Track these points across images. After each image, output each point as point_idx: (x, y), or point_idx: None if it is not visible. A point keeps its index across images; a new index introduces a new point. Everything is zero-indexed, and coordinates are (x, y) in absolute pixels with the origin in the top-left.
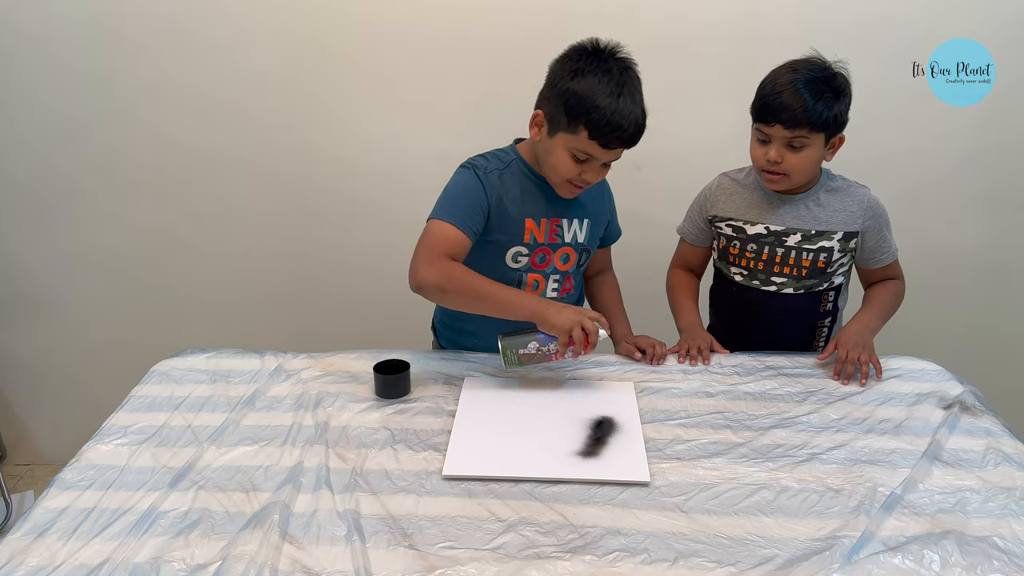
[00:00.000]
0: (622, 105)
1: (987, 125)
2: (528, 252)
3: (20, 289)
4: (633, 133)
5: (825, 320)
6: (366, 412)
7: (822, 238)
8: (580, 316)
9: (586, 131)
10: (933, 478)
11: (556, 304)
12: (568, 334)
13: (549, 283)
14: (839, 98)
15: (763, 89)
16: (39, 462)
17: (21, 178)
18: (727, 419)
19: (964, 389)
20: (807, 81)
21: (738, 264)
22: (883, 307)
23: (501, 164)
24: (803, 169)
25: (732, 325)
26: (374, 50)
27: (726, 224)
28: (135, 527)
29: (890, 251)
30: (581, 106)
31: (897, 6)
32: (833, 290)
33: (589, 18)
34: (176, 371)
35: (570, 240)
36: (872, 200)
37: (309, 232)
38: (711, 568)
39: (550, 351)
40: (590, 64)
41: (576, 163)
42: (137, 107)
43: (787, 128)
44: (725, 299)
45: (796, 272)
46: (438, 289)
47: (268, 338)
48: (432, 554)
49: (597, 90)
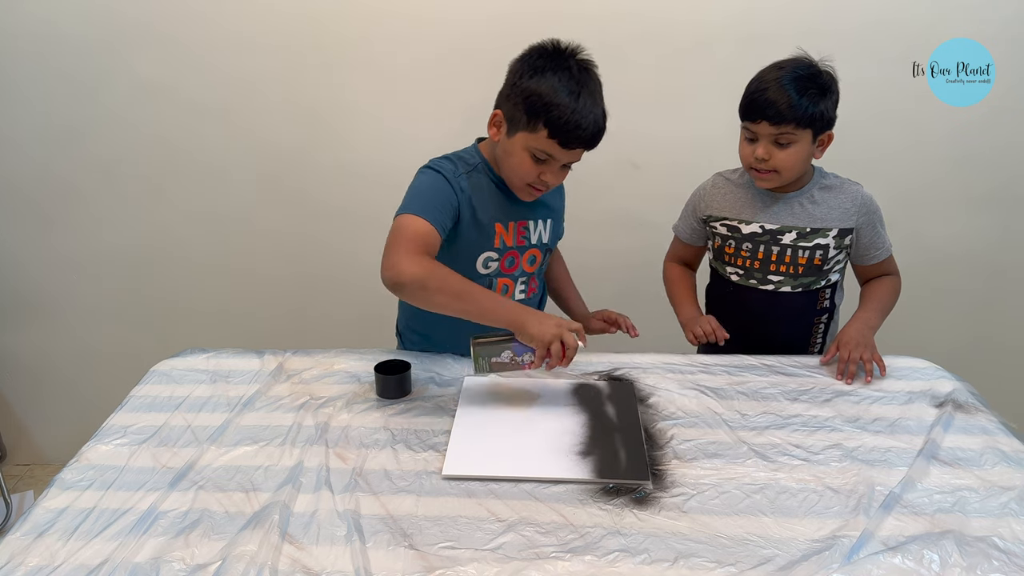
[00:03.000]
0: (582, 104)
1: (987, 125)
2: (498, 257)
3: (20, 290)
4: (593, 133)
5: (822, 317)
6: (366, 412)
7: (817, 235)
8: (560, 329)
9: (546, 130)
10: (931, 477)
11: (537, 314)
12: (547, 347)
13: (517, 286)
14: (825, 95)
15: (749, 87)
16: (39, 462)
17: (21, 180)
18: (726, 419)
19: (956, 386)
20: (792, 78)
21: (734, 263)
22: (882, 304)
23: (468, 167)
24: (792, 166)
25: (729, 324)
26: (372, 53)
27: (720, 224)
28: (135, 527)
29: (885, 247)
30: (541, 104)
31: (897, 6)
32: (830, 287)
33: (589, 19)
34: (176, 371)
35: (536, 241)
36: (865, 196)
37: (308, 234)
38: (711, 568)
39: (524, 362)
40: (550, 63)
41: (535, 164)
42: (135, 109)
43: (773, 124)
44: (722, 299)
45: (793, 270)
46: (419, 286)
47: (268, 339)
48: (432, 554)
49: (557, 88)
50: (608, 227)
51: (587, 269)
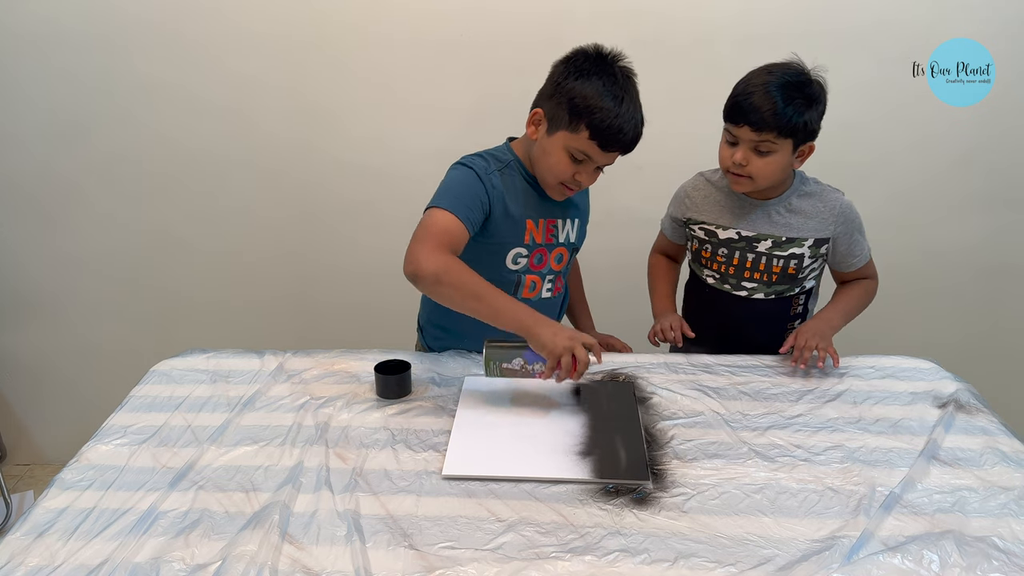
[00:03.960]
0: (624, 109)
1: (987, 125)
2: (527, 253)
3: (21, 290)
4: (632, 138)
5: (795, 323)
6: (366, 412)
7: (792, 245)
8: (573, 343)
9: (588, 131)
10: (931, 477)
11: (551, 324)
12: (558, 359)
13: (544, 283)
14: (811, 105)
15: (736, 89)
16: (39, 462)
17: (21, 179)
18: (726, 419)
19: (958, 387)
20: (780, 85)
21: (710, 267)
22: (848, 307)
23: (500, 164)
24: (768, 175)
25: (704, 326)
26: (373, 51)
27: (699, 227)
28: (135, 527)
29: (863, 254)
30: (585, 105)
31: (897, 6)
32: (804, 294)
33: (588, 19)
34: (176, 371)
35: (564, 240)
36: (844, 205)
37: (308, 233)
38: (711, 568)
39: (535, 371)
40: (595, 67)
41: (572, 163)
42: (136, 109)
43: (754, 130)
44: (698, 300)
45: (767, 278)
46: (435, 279)
47: (268, 339)
48: (432, 554)
49: (602, 92)
50: (610, 226)
51: (589, 268)
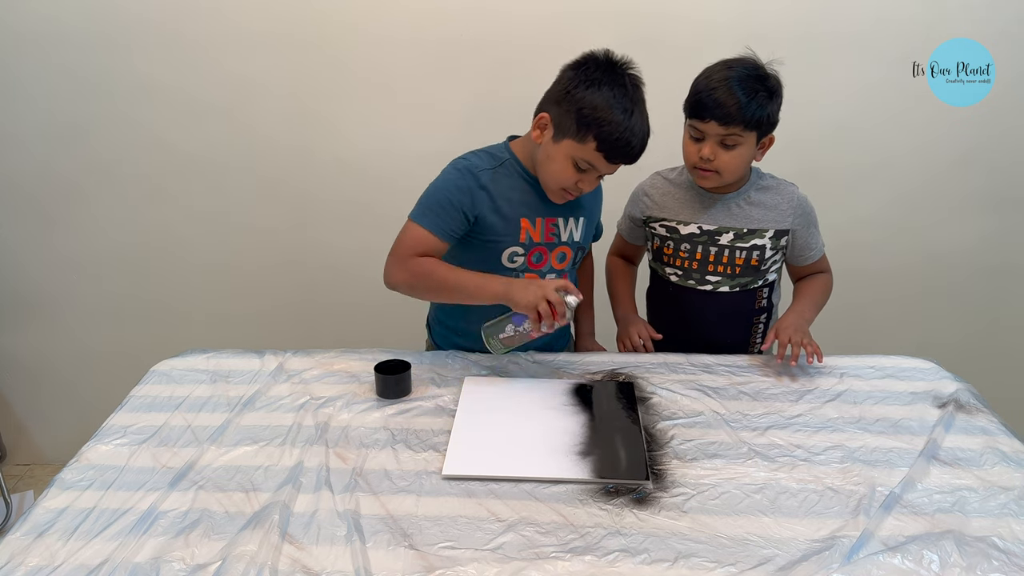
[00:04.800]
0: (634, 122)
1: (987, 125)
2: (524, 252)
3: (20, 290)
4: (639, 151)
5: (760, 317)
6: (366, 412)
7: (754, 236)
8: (543, 290)
9: (595, 142)
10: (931, 477)
11: (521, 282)
12: (536, 311)
13: None
14: (772, 98)
15: (696, 85)
16: (39, 462)
17: (21, 180)
18: (726, 419)
19: (958, 387)
20: (740, 79)
21: (673, 264)
22: (814, 300)
23: (495, 162)
24: (735, 168)
25: (670, 326)
26: (371, 53)
27: (660, 224)
28: (135, 527)
29: (818, 247)
30: (594, 117)
31: (897, 6)
32: (767, 287)
33: (588, 19)
34: (176, 371)
35: (567, 239)
36: (800, 198)
37: (308, 234)
38: (711, 568)
39: (526, 331)
40: (606, 76)
41: (576, 172)
42: (136, 110)
43: (721, 125)
44: (662, 300)
45: (730, 271)
46: (407, 287)
47: (267, 339)
48: (432, 554)
49: (612, 104)
50: (610, 226)
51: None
